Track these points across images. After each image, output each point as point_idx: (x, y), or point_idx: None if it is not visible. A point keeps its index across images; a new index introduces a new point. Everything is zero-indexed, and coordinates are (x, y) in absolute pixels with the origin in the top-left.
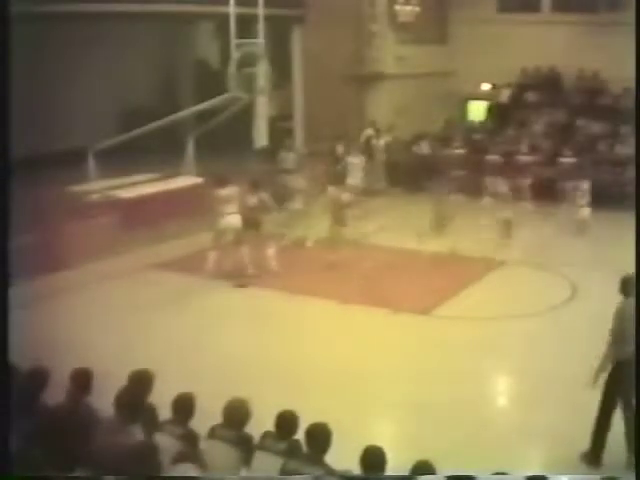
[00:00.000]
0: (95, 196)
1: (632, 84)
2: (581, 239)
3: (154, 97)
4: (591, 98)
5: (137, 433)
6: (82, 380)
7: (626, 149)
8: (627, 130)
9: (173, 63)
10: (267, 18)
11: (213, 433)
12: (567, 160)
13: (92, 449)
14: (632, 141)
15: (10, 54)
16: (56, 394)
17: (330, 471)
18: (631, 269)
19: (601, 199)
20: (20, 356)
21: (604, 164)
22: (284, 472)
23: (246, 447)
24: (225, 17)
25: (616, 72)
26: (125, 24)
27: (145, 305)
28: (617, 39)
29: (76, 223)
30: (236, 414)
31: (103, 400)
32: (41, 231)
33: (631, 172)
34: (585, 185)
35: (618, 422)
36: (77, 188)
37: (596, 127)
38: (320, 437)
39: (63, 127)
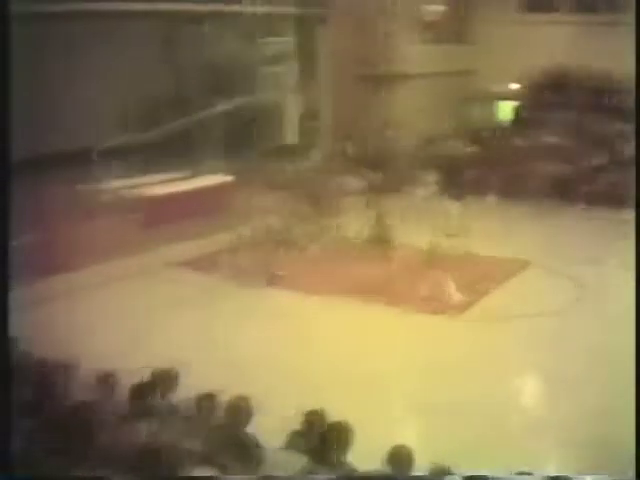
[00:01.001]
0: (113, 195)
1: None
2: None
3: (180, 96)
4: (611, 98)
5: (156, 431)
6: (107, 381)
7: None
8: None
9: (200, 62)
10: (292, 18)
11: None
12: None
13: (110, 447)
14: None
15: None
16: (76, 389)
17: (351, 472)
18: None
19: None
20: (40, 351)
21: (625, 164)
22: (305, 471)
23: (249, 447)
24: (250, 16)
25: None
26: (154, 22)
27: (165, 303)
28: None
29: (98, 222)
30: (239, 413)
31: (121, 398)
32: (63, 229)
33: None
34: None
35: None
36: (99, 187)
37: (617, 127)
38: (341, 436)
39: (84, 126)
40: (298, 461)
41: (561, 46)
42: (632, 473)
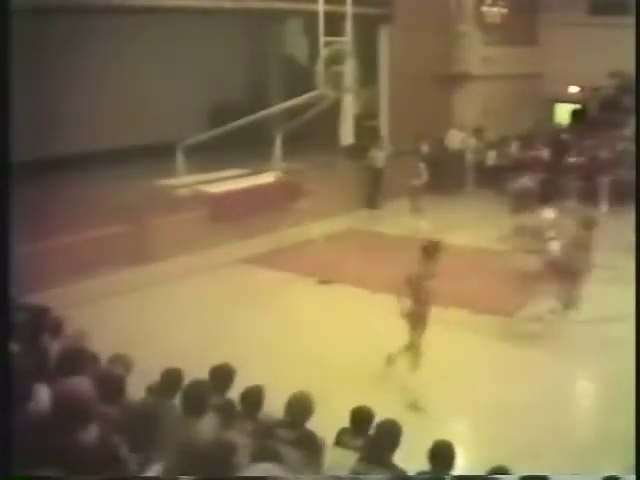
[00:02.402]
0: (184, 191)
1: None
2: None
3: (244, 94)
4: None
5: (213, 429)
6: (172, 379)
7: None
8: None
9: (262, 60)
10: (355, 16)
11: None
12: None
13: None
14: None
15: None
16: (138, 385)
17: (400, 473)
18: None
19: None
20: (105, 344)
21: None
22: (354, 472)
23: (310, 444)
24: (313, 15)
25: None
26: (214, 20)
27: (230, 300)
28: None
29: (164, 217)
30: (299, 409)
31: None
32: (130, 224)
33: None
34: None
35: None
36: (166, 182)
37: None
38: (388, 434)
39: (153, 121)
40: (348, 459)
41: (631, 50)
42: (632, 473)
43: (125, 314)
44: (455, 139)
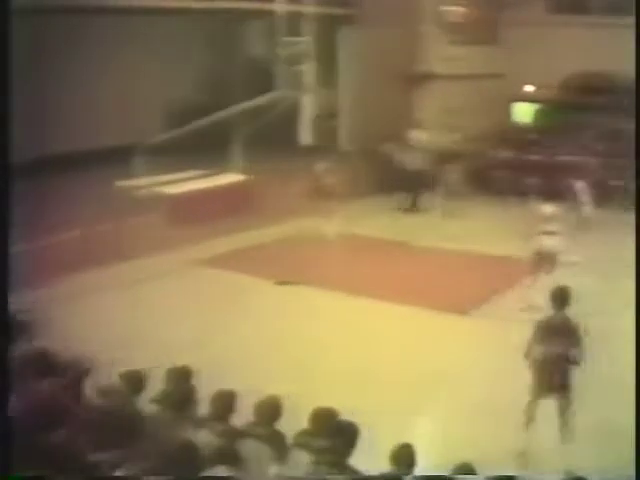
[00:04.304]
0: (142, 192)
1: None
2: None
3: (204, 95)
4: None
5: (181, 431)
6: (133, 381)
7: None
8: None
9: (221, 61)
10: (316, 16)
11: (246, 431)
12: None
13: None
14: None
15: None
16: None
17: (356, 475)
18: None
19: None
20: (65, 347)
21: None
22: (312, 473)
23: (279, 444)
24: (274, 15)
25: None
26: (173, 21)
27: (191, 301)
28: None
29: (123, 220)
30: (268, 411)
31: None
32: (88, 227)
33: None
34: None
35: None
36: (124, 185)
37: None
38: (346, 436)
39: (107, 124)
40: (305, 460)
41: (591, 48)
42: (632, 473)
43: (87, 317)
44: (417, 139)
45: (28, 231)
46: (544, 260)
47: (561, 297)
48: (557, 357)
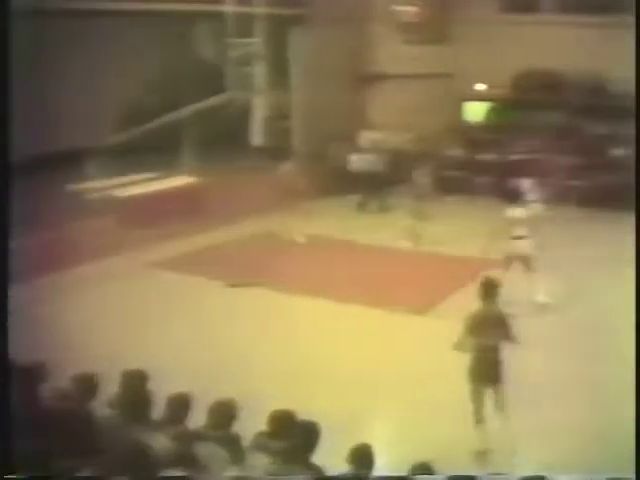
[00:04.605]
0: (93, 195)
1: (633, 85)
2: None
3: (153, 96)
4: (591, 99)
5: (137, 434)
6: (86, 384)
7: (626, 150)
8: (627, 131)
9: (171, 62)
10: (266, 17)
11: (201, 434)
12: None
13: (94, 450)
14: (631, 142)
15: (11, 50)
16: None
17: (319, 472)
18: None
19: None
20: (18, 355)
21: (603, 165)
22: (271, 473)
23: (235, 446)
24: (224, 16)
25: (617, 73)
26: (121, 22)
27: (142, 304)
28: (618, 40)
29: (74, 223)
30: (223, 414)
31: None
32: (40, 231)
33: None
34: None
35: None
36: (75, 188)
37: (596, 128)
38: (308, 435)
39: (59, 127)
40: (262, 462)
41: (544, 47)
42: (632, 473)
43: (40, 322)
44: (369, 140)
45: None
46: (517, 262)
47: (490, 289)
48: (488, 348)
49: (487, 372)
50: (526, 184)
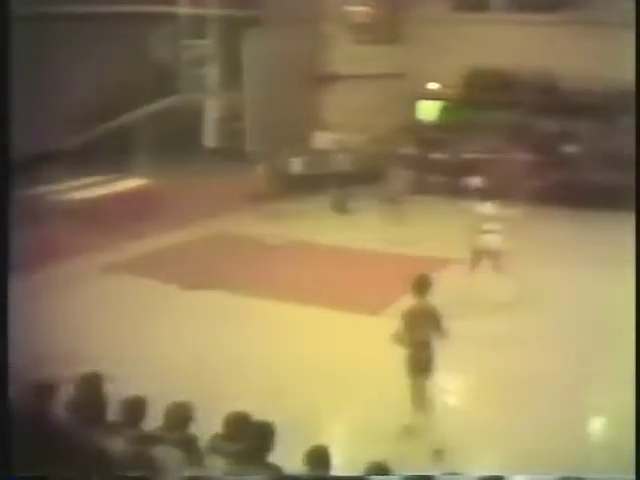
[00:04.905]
0: (47, 200)
1: (583, 82)
2: None
3: (105, 99)
4: (543, 97)
5: (93, 437)
6: (46, 391)
7: (577, 148)
8: (579, 128)
9: (123, 64)
10: (220, 19)
11: (158, 436)
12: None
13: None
14: (583, 139)
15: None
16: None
17: (277, 472)
18: None
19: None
20: None
21: (556, 162)
22: (229, 473)
23: (192, 448)
24: (177, 18)
25: (569, 70)
26: (72, 25)
27: (98, 307)
28: (569, 37)
29: (29, 227)
30: (178, 416)
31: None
32: None
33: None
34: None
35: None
36: (30, 192)
37: (548, 126)
38: (264, 436)
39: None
40: (219, 464)
41: (495, 45)
42: (632, 473)
43: None
44: (323, 140)
45: None
46: (486, 258)
47: (422, 286)
48: (421, 343)
49: (421, 366)
50: (478, 182)
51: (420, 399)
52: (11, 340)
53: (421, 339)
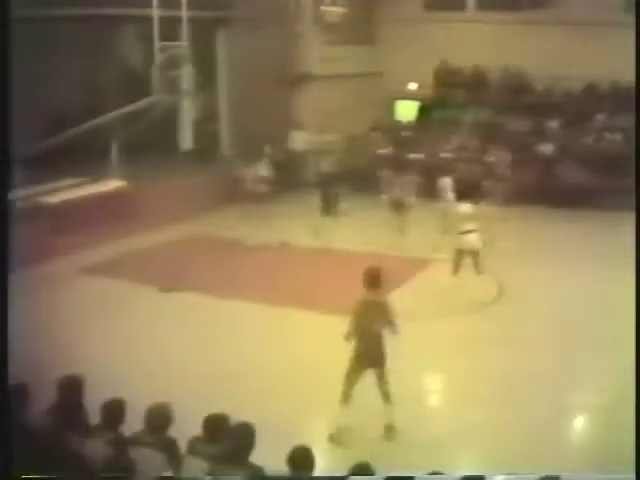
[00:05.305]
0: (22, 203)
1: (555, 81)
2: None
3: (78, 101)
4: (515, 95)
5: (72, 440)
6: (20, 394)
7: (550, 147)
8: (551, 127)
9: (97, 66)
10: (192, 20)
11: (137, 439)
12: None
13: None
14: (558, 137)
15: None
16: None
17: (259, 472)
18: None
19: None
20: None
21: (528, 161)
22: (210, 474)
23: (171, 451)
24: (150, 20)
25: (540, 69)
26: (45, 26)
27: (74, 310)
28: (541, 36)
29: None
30: (158, 418)
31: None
32: None
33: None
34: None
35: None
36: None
37: (521, 124)
38: (244, 437)
39: None
40: (199, 466)
41: (468, 44)
42: (632, 473)
43: None
44: (298, 141)
45: None
46: (467, 257)
47: (373, 278)
48: (372, 334)
49: (371, 357)
50: (443, 182)
51: (350, 388)
52: None
53: (372, 332)
